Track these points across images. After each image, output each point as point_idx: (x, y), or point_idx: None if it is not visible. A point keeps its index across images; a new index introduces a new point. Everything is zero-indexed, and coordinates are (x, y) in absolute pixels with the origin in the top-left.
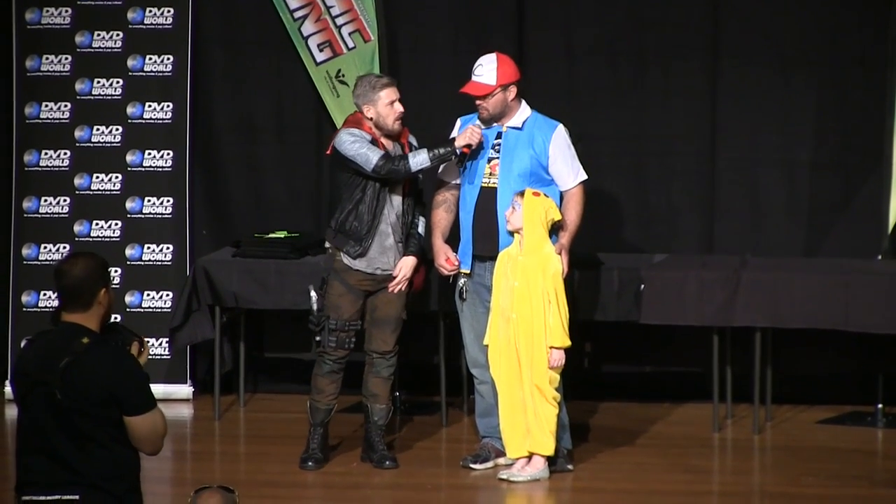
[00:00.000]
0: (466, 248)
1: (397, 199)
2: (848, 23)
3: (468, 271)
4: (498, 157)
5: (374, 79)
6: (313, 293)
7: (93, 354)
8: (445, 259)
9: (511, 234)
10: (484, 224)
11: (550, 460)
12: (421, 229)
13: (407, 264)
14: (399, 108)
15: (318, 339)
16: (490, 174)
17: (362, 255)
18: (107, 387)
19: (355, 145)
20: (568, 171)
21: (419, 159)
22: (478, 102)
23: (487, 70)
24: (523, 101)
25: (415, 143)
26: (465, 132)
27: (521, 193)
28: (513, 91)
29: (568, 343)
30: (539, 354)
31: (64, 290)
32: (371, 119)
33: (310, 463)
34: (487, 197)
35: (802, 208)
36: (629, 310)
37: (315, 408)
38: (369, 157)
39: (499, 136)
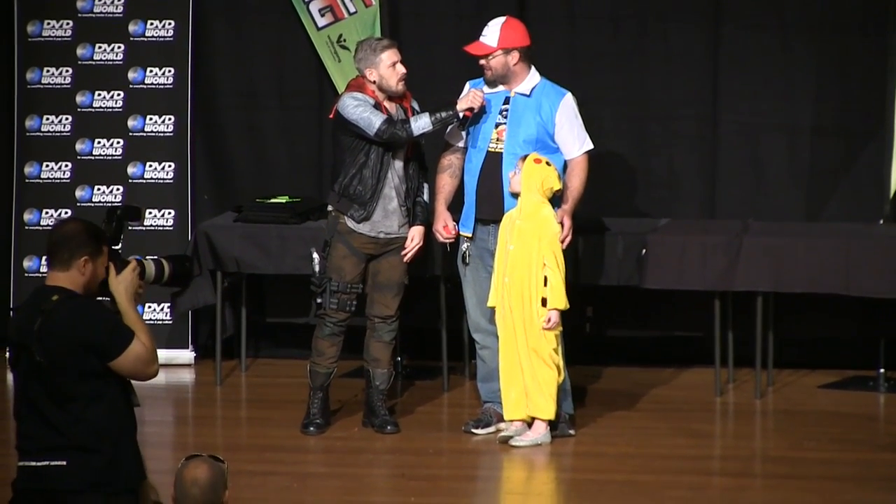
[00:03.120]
0: (470, 211)
1: (400, 163)
2: None
3: (470, 234)
4: (505, 123)
5: (375, 42)
6: (315, 255)
7: (61, 310)
8: (444, 226)
9: (514, 196)
10: (488, 188)
11: (552, 425)
12: (426, 196)
13: (419, 234)
14: (401, 69)
15: (318, 300)
16: (497, 139)
17: (366, 219)
18: (78, 337)
19: (358, 109)
20: (573, 139)
21: (421, 123)
22: (481, 63)
23: (491, 32)
24: (533, 68)
25: (417, 107)
26: (466, 96)
27: (524, 158)
28: (515, 56)
29: (566, 305)
30: (531, 318)
31: (49, 247)
32: (374, 82)
33: (311, 428)
34: (493, 161)
35: (804, 173)
36: (631, 274)
37: (315, 371)
38: (372, 120)
39: (507, 101)
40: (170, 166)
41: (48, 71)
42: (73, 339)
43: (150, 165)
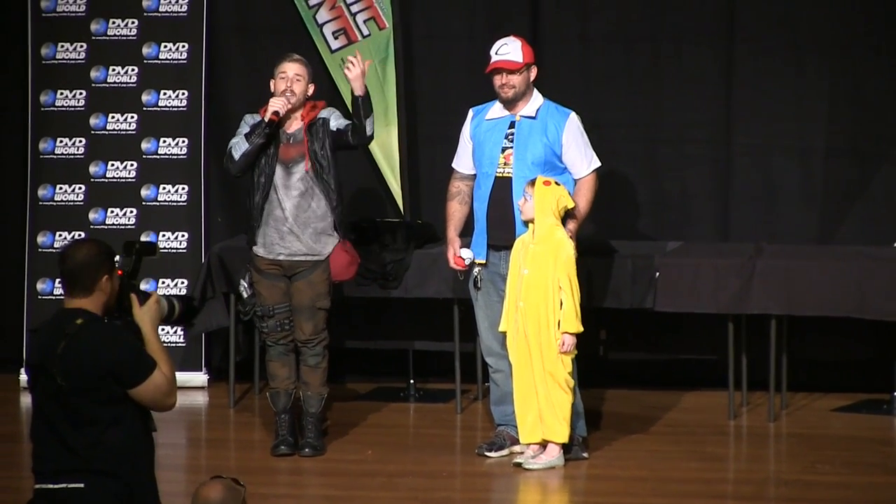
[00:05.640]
0: (481, 237)
1: (295, 181)
2: (862, 9)
3: (483, 262)
4: (512, 147)
5: (283, 55)
6: (244, 282)
7: (85, 333)
8: (454, 257)
9: (525, 223)
10: (499, 213)
11: (565, 448)
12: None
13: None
14: (285, 83)
15: (256, 325)
16: (504, 164)
17: (256, 243)
18: (102, 362)
19: (238, 132)
20: (581, 158)
21: (240, 146)
22: (504, 81)
23: (514, 48)
24: (535, 90)
25: (326, 115)
26: (269, 105)
27: (532, 183)
28: (534, 71)
29: (580, 329)
30: (549, 342)
31: (66, 275)
32: (273, 93)
33: (282, 447)
34: (502, 186)
35: (817, 195)
36: (644, 297)
37: (274, 394)
38: (229, 147)
39: (512, 125)
40: (183, 189)
41: (62, 93)
42: (97, 364)
43: (164, 188)
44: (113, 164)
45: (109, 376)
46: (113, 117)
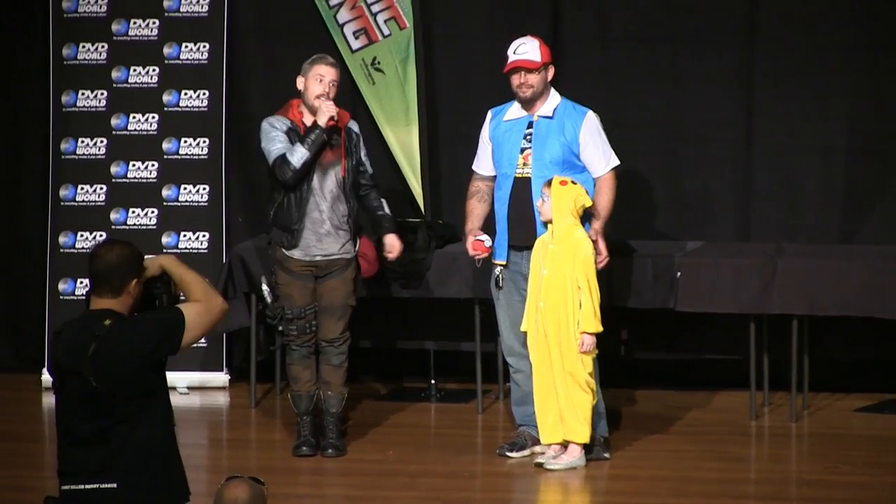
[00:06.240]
0: (502, 238)
1: (330, 186)
2: (883, 7)
3: (504, 262)
4: (530, 147)
5: (317, 55)
6: (265, 286)
7: (115, 334)
8: (473, 241)
9: (545, 224)
10: (519, 214)
11: (586, 448)
12: (386, 209)
13: (393, 239)
14: (322, 87)
15: (280, 329)
16: (523, 164)
17: (296, 246)
18: (137, 355)
19: (267, 137)
20: (599, 157)
21: (298, 154)
22: (522, 80)
23: (531, 47)
24: (552, 89)
25: (356, 129)
26: (319, 109)
27: (549, 183)
28: (552, 71)
29: (599, 329)
30: (569, 342)
31: (96, 274)
32: (301, 91)
33: (304, 448)
34: (522, 187)
35: (838, 195)
36: (665, 297)
37: (297, 397)
38: (270, 154)
39: (530, 125)
40: (204, 189)
41: (83, 94)
42: (133, 360)
43: (185, 188)
44: (134, 165)
45: (149, 364)
46: (134, 117)
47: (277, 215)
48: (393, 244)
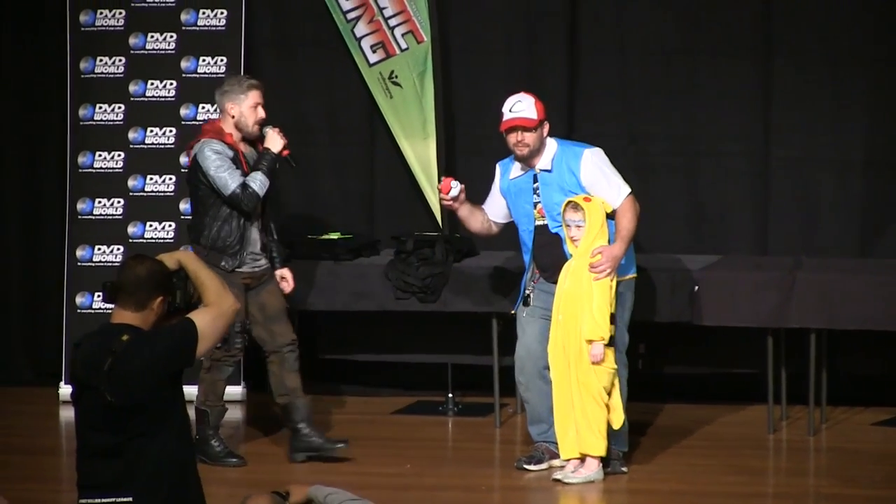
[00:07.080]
0: (531, 278)
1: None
2: None
3: (531, 290)
4: (540, 200)
5: (244, 78)
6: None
7: (132, 351)
8: (442, 186)
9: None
10: (547, 255)
11: (605, 462)
12: (275, 234)
13: (288, 274)
14: (262, 112)
15: (219, 345)
16: (540, 216)
17: (240, 266)
18: (155, 367)
19: (217, 165)
20: (609, 190)
21: (259, 180)
22: (519, 139)
23: (527, 105)
24: (548, 139)
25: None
26: (268, 138)
27: (571, 205)
28: (546, 127)
29: (604, 336)
30: (585, 355)
31: (123, 285)
32: (233, 117)
33: (234, 459)
34: (543, 233)
35: (856, 208)
36: (683, 311)
37: (217, 412)
38: (228, 182)
39: (535, 179)
40: None
41: (101, 107)
42: (150, 373)
43: None
44: (151, 178)
45: (164, 378)
46: (151, 131)
47: (219, 239)
48: (287, 279)
